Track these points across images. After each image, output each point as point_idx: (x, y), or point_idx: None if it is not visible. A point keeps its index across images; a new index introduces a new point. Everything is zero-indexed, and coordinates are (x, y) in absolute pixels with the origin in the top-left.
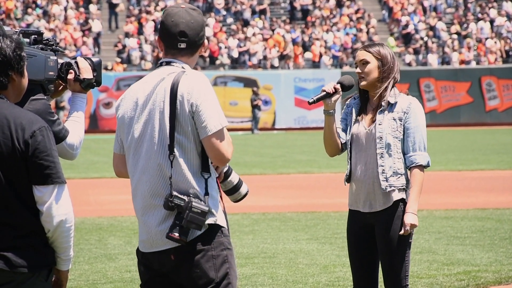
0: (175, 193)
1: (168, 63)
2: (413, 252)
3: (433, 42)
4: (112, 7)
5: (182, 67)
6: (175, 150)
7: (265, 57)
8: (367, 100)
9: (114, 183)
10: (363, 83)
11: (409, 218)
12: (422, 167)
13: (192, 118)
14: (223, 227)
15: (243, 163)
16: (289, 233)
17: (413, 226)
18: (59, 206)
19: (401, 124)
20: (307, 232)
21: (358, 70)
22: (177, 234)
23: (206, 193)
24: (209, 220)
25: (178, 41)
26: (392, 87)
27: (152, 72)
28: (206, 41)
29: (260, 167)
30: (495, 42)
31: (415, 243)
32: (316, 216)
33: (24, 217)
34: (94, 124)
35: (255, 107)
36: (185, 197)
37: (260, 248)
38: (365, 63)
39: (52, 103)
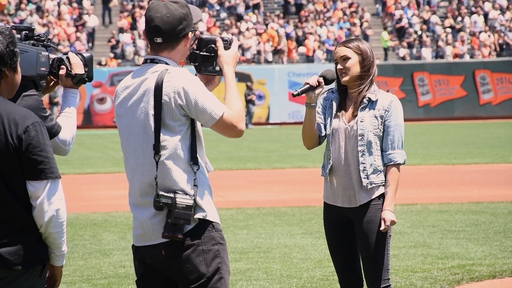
0: (161, 192)
1: (152, 60)
2: (407, 246)
3: (427, 36)
4: (106, 2)
5: (166, 63)
6: (161, 149)
7: (258, 52)
8: (346, 95)
9: (108, 178)
10: (346, 78)
11: (388, 214)
12: (399, 165)
13: (184, 116)
14: (215, 221)
15: (237, 157)
16: (283, 228)
17: (392, 222)
18: (51, 202)
19: (382, 121)
20: (301, 227)
21: (339, 66)
22: (171, 233)
23: (195, 185)
24: (199, 215)
25: (154, 36)
26: (372, 82)
27: (137, 69)
28: (190, 34)
29: (255, 162)
30: (489, 36)
31: (409, 237)
32: (310, 210)
33: (18, 212)
34: (88, 120)
35: (249, 102)
36: (171, 194)
37: (255, 243)
38: (346, 58)
39: (46, 98)
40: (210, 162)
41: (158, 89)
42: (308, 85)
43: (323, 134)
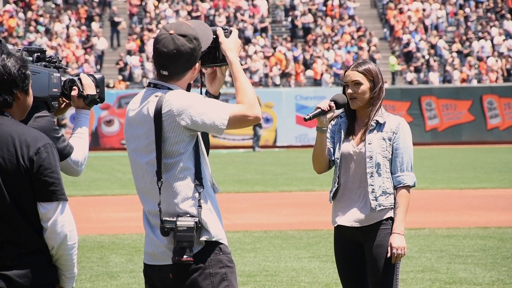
0: (165, 218)
1: (155, 85)
2: (415, 271)
3: (434, 61)
4: (114, 25)
5: (169, 88)
6: (163, 175)
7: (266, 75)
8: (354, 118)
9: (116, 200)
10: (355, 105)
11: (396, 239)
12: (409, 188)
13: (189, 136)
14: (222, 243)
15: (244, 180)
16: (290, 251)
17: (400, 248)
18: (63, 223)
19: (390, 144)
20: (308, 250)
21: (349, 91)
22: (180, 256)
23: (199, 206)
24: (204, 237)
25: (160, 68)
26: (380, 106)
27: (141, 92)
28: (197, 64)
29: (262, 185)
30: (496, 61)
31: (417, 261)
32: (317, 234)
33: (29, 234)
34: (96, 142)
35: (256, 124)
36: (174, 218)
37: (262, 266)
38: (357, 83)
39: (54, 121)
40: (217, 184)
41: (158, 115)
42: (320, 110)
43: (332, 159)
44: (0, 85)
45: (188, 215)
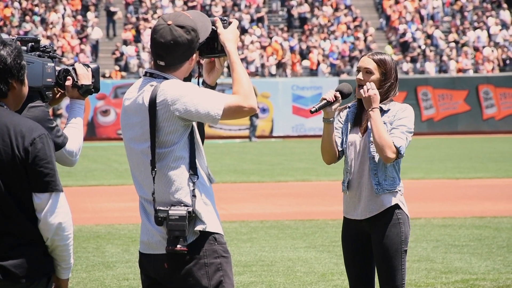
0: (158, 207)
1: (151, 75)
2: (411, 261)
3: (430, 51)
4: (110, 14)
5: (165, 78)
6: (157, 164)
7: (262, 65)
8: (362, 108)
9: (112, 190)
10: (359, 94)
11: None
12: (396, 148)
13: (183, 126)
14: (217, 233)
15: (241, 170)
16: (287, 241)
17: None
18: (57, 214)
19: (391, 127)
20: (305, 240)
21: (359, 76)
22: (174, 246)
23: (193, 196)
24: (199, 227)
25: (157, 59)
26: (387, 99)
27: (137, 81)
28: (194, 55)
29: (258, 175)
30: (492, 51)
31: (413, 251)
32: (314, 224)
33: (24, 225)
34: (92, 132)
35: (252, 114)
36: (167, 208)
37: (258, 256)
38: (368, 72)
39: (50, 110)
40: (213, 174)
41: (152, 104)
42: (325, 101)
43: (341, 149)
44: None
45: (182, 205)
